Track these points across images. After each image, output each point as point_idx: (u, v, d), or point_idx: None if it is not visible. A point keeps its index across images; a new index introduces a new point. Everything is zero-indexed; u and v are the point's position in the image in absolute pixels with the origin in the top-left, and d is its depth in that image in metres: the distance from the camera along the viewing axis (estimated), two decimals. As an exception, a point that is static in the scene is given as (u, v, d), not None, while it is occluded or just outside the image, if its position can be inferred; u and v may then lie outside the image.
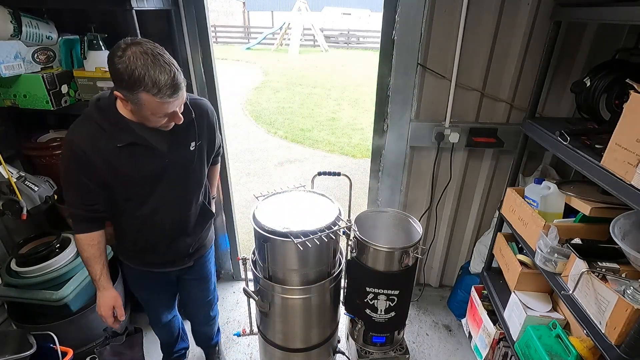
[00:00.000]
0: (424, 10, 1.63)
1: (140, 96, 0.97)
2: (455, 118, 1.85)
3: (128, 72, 0.93)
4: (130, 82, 0.94)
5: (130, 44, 0.95)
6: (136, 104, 1.00)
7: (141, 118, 1.06)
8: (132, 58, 0.93)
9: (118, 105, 1.09)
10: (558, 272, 1.36)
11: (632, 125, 1.01)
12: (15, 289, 1.61)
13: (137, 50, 0.94)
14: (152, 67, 0.94)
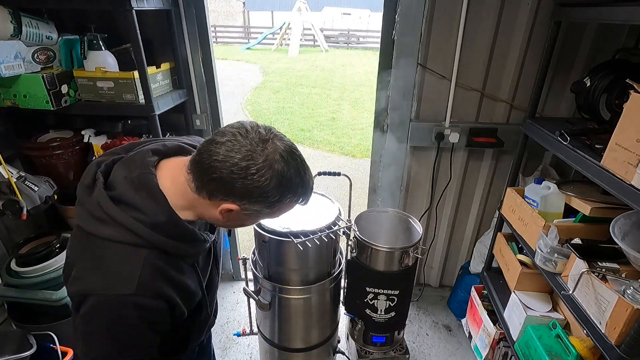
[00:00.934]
0: (424, 10, 1.63)
1: (282, 205, 0.73)
2: (455, 118, 1.85)
3: (282, 188, 0.69)
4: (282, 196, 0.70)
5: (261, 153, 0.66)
6: (263, 216, 0.76)
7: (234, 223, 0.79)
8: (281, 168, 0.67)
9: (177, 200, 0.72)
10: (558, 272, 1.36)
11: (632, 125, 1.01)
12: (15, 289, 1.61)
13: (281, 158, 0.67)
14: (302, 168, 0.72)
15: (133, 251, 0.68)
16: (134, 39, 1.46)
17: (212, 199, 0.70)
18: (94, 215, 0.69)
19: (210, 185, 0.68)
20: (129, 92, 1.59)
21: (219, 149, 0.65)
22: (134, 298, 0.66)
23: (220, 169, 0.65)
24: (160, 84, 1.72)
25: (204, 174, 0.67)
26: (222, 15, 21.08)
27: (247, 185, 0.66)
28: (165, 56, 1.82)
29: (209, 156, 0.66)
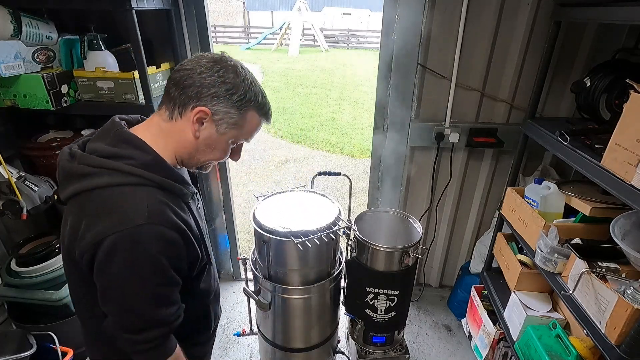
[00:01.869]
0: (424, 10, 1.63)
1: (247, 114, 0.82)
2: (455, 118, 1.85)
3: (245, 85, 0.79)
4: (244, 97, 0.79)
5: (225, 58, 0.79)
6: (234, 125, 0.81)
7: (208, 147, 0.83)
8: (241, 70, 0.79)
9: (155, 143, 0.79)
10: (558, 272, 1.36)
11: (632, 125, 1.01)
12: (15, 289, 1.61)
13: (239, 65, 0.80)
14: (257, 83, 0.83)
15: (134, 189, 0.73)
16: (134, 39, 1.46)
17: (184, 114, 0.77)
18: (84, 174, 0.73)
19: (182, 96, 0.76)
20: (129, 92, 1.59)
21: (187, 64, 0.78)
22: (149, 227, 0.71)
23: (191, 74, 0.76)
24: (160, 84, 1.72)
25: (177, 88, 0.76)
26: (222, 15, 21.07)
27: (214, 81, 0.76)
28: (165, 56, 1.82)
29: (179, 70, 0.77)
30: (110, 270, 0.71)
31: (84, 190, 0.73)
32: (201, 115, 0.77)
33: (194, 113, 0.76)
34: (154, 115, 0.82)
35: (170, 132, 0.79)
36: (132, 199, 0.72)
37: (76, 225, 0.73)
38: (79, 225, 0.72)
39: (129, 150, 0.75)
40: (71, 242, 0.75)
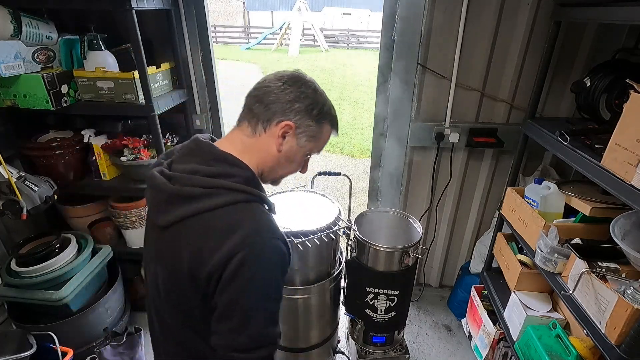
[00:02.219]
0: (424, 11, 1.63)
1: (323, 127, 0.84)
2: (455, 118, 1.85)
3: (322, 99, 0.83)
4: (322, 110, 0.82)
5: (302, 75, 0.83)
6: (312, 137, 0.83)
7: (287, 160, 0.85)
8: (318, 86, 0.83)
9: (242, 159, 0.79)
10: (558, 272, 1.36)
11: (632, 125, 1.01)
12: (15, 289, 1.61)
13: (314, 81, 0.84)
14: (328, 98, 0.87)
15: (248, 206, 0.75)
16: (134, 39, 1.46)
17: (268, 129, 0.80)
18: (196, 195, 0.73)
19: (267, 112, 0.79)
20: (129, 92, 1.59)
21: (268, 82, 0.81)
22: (270, 241, 0.73)
23: (274, 90, 0.79)
24: (160, 84, 1.72)
25: (260, 104, 0.79)
26: (222, 15, 21.08)
27: (297, 97, 0.79)
28: (165, 56, 1.82)
29: (259, 88, 0.81)
30: (237, 285, 0.71)
31: (200, 211, 0.72)
32: (286, 129, 0.79)
33: (279, 127, 0.79)
34: (235, 132, 0.83)
35: (254, 147, 0.81)
36: (250, 215, 0.75)
37: (199, 247, 0.72)
38: (203, 246, 0.72)
39: (227, 167, 0.76)
40: (196, 265, 0.72)
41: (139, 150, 1.80)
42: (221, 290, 0.72)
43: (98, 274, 1.79)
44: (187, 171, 0.76)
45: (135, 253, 2.04)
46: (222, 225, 0.72)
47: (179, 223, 0.74)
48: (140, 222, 1.95)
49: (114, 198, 1.95)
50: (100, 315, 1.78)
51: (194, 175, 0.75)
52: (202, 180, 0.74)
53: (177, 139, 1.97)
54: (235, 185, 0.74)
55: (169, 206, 0.75)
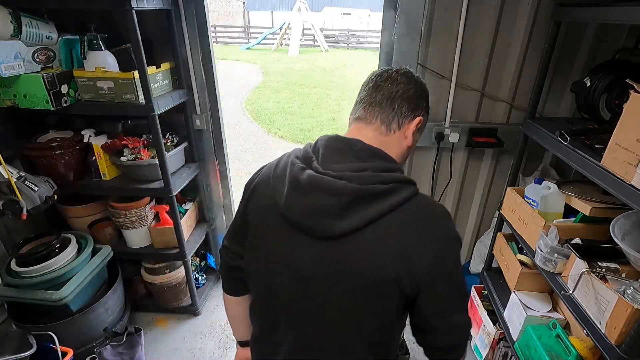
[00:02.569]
0: (424, 10, 1.63)
1: (426, 118, 0.85)
2: (455, 118, 1.85)
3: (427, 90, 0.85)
4: (429, 103, 0.85)
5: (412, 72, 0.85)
6: (423, 128, 0.86)
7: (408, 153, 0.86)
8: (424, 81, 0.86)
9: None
10: (558, 272, 1.36)
11: (632, 125, 1.01)
12: (15, 289, 1.61)
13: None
14: None
15: (423, 198, 0.74)
16: (134, 39, 1.46)
17: (402, 125, 0.80)
18: (380, 193, 0.68)
19: (402, 109, 0.79)
20: (129, 92, 1.59)
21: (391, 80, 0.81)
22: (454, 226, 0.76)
23: (404, 88, 0.80)
24: (160, 84, 1.72)
25: (393, 103, 0.79)
26: (222, 15, 21.07)
27: (422, 94, 0.82)
28: (165, 56, 1.82)
29: (380, 87, 0.81)
30: (453, 275, 0.73)
31: (386, 211, 0.68)
32: (420, 125, 0.81)
33: (414, 124, 0.80)
34: (366, 131, 0.80)
35: (389, 144, 0.79)
36: (433, 203, 0.76)
37: (400, 250, 0.68)
38: (406, 248, 0.68)
39: (387, 163, 0.75)
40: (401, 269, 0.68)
41: (139, 150, 1.80)
42: (439, 283, 0.71)
43: (98, 274, 1.79)
44: (354, 169, 0.70)
45: (136, 253, 2.04)
46: (419, 220, 0.71)
47: (360, 230, 0.67)
48: (140, 222, 1.95)
49: (114, 198, 1.95)
50: (100, 315, 1.78)
51: (364, 172, 0.70)
52: (380, 177, 0.69)
53: (177, 139, 1.97)
54: (403, 177, 0.72)
55: (348, 210, 0.67)
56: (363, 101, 0.83)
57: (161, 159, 1.72)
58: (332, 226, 0.68)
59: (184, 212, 2.08)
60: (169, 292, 2.15)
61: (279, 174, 0.76)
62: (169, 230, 1.95)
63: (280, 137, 5.93)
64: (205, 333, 2.13)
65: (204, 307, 2.30)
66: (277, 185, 0.75)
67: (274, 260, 0.77)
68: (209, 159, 2.12)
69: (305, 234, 0.71)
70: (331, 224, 0.67)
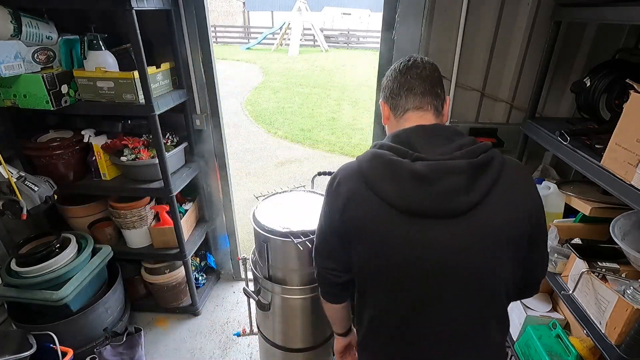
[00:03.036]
0: (424, 10, 1.63)
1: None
2: (455, 118, 1.85)
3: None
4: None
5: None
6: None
7: None
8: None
9: None
10: (558, 272, 1.36)
11: (632, 125, 1.01)
12: (15, 289, 1.61)
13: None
14: None
15: (506, 158, 0.82)
16: (134, 39, 1.46)
17: (443, 106, 0.91)
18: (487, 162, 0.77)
19: (441, 94, 0.91)
20: (129, 92, 1.59)
21: (421, 67, 0.92)
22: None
23: (433, 72, 0.93)
24: (160, 84, 1.72)
25: (435, 87, 0.91)
26: (222, 15, 21.08)
27: (439, 71, 0.96)
28: (165, 56, 1.82)
29: (422, 73, 0.91)
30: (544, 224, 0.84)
31: (497, 177, 0.77)
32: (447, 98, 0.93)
33: (447, 102, 0.93)
34: (428, 117, 0.88)
35: (444, 123, 0.91)
36: (517, 161, 0.87)
37: (512, 211, 0.77)
38: (516, 208, 0.78)
39: (467, 137, 0.83)
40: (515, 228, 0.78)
41: (139, 150, 1.80)
42: (539, 235, 0.83)
43: (98, 274, 1.79)
44: (457, 148, 0.78)
45: (136, 253, 2.04)
46: (520, 182, 0.80)
47: (484, 199, 0.75)
48: (140, 222, 1.95)
49: (114, 198, 1.95)
50: (100, 315, 1.78)
51: (467, 148, 0.78)
52: (478, 148, 0.77)
53: (177, 139, 1.97)
54: (487, 142, 0.81)
55: (473, 184, 0.75)
56: (412, 91, 0.88)
57: (161, 159, 1.72)
58: (463, 202, 0.75)
59: (184, 212, 2.08)
60: (169, 292, 2.15)
61: (378, 176, 0.79)
62: (169, 230, 1.96)
63: (280, 137, 5.94)
64: (205, 333, 2.13)
65: (204, 307, 2.30)
66: (381, 186, 0.78)
67: (409, 253, 0.79)
68: (209, 159, 2.12)
69: (432, 219, 0.76)
70: (464, 200, 0.74)
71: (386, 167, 0.78)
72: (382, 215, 0.78)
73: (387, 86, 0.92)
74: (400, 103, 0.89)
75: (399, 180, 0.76)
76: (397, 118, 0.90)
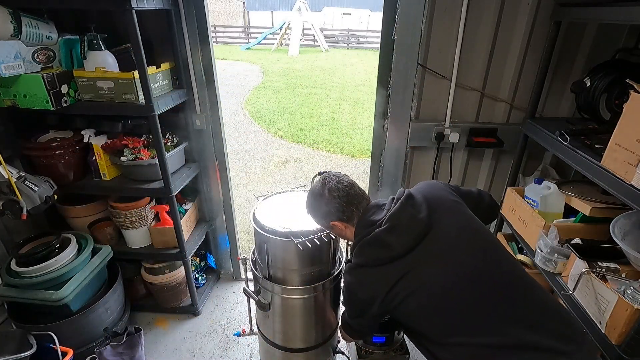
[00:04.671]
0: (424, 10, 1.63)
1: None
2: (455, 118, 1.85)
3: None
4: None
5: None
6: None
7: None
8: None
9: None
10: (558, 272, 1.36)
11: (632, 125, 1.01)
12: (15, 289, 1.61)
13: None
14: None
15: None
16: (134, 39, 1.46)
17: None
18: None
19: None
20: (129, 92, 1.59)
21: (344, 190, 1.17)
22: None
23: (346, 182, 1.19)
24: (160, 84, 1.72)
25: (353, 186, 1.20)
26: (222, 15, 21.07)
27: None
28: (165, 56, 1.82)
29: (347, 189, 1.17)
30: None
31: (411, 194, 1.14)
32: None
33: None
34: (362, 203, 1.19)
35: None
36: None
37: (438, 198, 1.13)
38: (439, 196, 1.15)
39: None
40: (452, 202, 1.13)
41: (139, 150, 1.80)
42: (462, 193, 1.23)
43: (98, 274, 1.79)
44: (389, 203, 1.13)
45: (136, 253, 2.04)
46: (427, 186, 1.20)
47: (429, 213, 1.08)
48: (140, 222, 1.95)
49: (114, 198, 1.95)
50: (100, 315, 1.78)
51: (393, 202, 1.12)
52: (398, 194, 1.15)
53: (177, 139, 1.97)
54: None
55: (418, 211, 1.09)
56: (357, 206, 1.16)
57: (161, 159, 1.72)
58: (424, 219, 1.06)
59: (184, 212, 2.08)
60: (169, 292, 2.16)
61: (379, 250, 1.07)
62: (169, 230, 1.96)
63: (280, 137, 5.94)
64: (205, 333, 2.13)
65: (204, 307, 2.30)
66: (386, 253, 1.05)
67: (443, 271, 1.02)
68: (209, 159, 2.12)
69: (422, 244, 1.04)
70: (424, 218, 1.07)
71: (370, 246, 1.07)
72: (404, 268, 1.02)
73: (335, 210, 1.14)
74: (354, 215, 1.15)
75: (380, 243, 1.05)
76: (351, 224, 1.16)
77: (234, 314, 2.28)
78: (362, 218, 1.13)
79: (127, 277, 2.10)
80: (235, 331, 2.13)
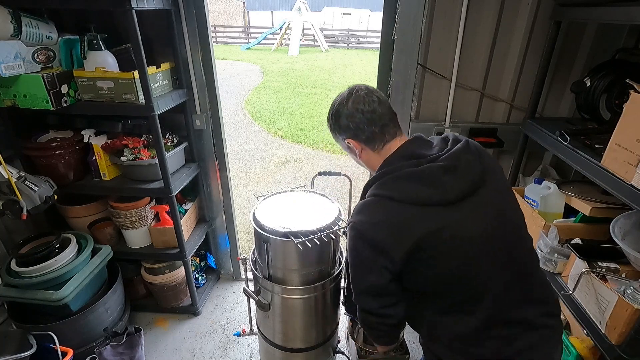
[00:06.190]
0: (424, 11, 1.63)
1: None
2: (455, 118, 1.85)
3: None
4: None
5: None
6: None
7: None
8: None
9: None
10: (558, 272, 1.36)
11: (632, 125, 1.01)
12: (15, 289, 1.61)
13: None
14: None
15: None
16: (134, 39, 1.46)
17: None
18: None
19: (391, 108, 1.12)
20: (129, 92, 1.59)
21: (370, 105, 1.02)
22: None
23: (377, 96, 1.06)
24: (160, 84, 1.72)
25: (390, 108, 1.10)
26: (222, 15, 21.08)
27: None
28: (165, 56, 1.82)
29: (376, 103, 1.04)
30: None
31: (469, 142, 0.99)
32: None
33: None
34: (402, 136, 1.11)
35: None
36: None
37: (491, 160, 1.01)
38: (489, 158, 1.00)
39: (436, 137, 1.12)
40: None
41: (139, 150, 1.80)
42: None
43: (98, 274, 1.79)
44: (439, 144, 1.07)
45: (136, 253, 2.04)
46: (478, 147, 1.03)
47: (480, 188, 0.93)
48: (140, 222, 1.95)
49: (114, 198, 1.95)
50: (100, 315, 1.78)
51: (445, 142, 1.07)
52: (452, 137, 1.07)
53: (177, 139, 1.97)
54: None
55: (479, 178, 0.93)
56: (385, 126, 1.02)
57: (161, 159, 1.72)
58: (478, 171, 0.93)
59: (184, 212, 2.08)
60: (169, 292, 2.15)
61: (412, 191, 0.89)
62: (169, 230, 1.96)
63: (280, 137, 5.93)
64: (205, 333, 2.13)
65: (204, 307, 2.30)
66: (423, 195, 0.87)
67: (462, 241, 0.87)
68: (209, 159, 2.12)
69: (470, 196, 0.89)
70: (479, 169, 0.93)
71: (414, 181, 0.88)
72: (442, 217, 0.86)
73: (353, 126, 0.98)
74: (376, 138, 1.00)
75: (433, 181, 0.87)
76: (378, 150, 1.01)
77: (234, 314, 2.28)
78: (403, 147, 0.98)
79: (127, 277, 2.10)
80: (235, 331, 2.13)
